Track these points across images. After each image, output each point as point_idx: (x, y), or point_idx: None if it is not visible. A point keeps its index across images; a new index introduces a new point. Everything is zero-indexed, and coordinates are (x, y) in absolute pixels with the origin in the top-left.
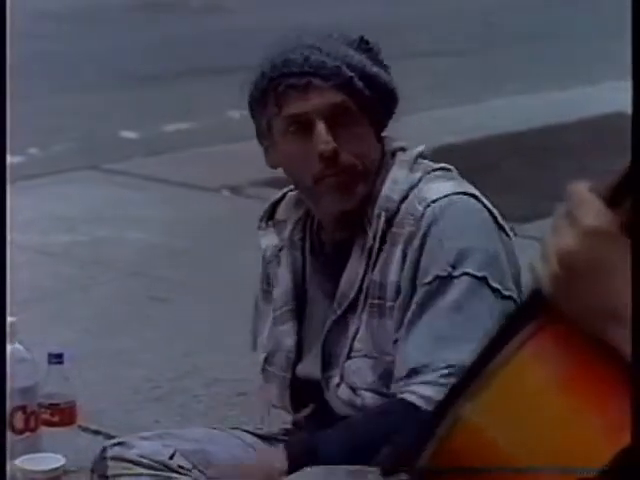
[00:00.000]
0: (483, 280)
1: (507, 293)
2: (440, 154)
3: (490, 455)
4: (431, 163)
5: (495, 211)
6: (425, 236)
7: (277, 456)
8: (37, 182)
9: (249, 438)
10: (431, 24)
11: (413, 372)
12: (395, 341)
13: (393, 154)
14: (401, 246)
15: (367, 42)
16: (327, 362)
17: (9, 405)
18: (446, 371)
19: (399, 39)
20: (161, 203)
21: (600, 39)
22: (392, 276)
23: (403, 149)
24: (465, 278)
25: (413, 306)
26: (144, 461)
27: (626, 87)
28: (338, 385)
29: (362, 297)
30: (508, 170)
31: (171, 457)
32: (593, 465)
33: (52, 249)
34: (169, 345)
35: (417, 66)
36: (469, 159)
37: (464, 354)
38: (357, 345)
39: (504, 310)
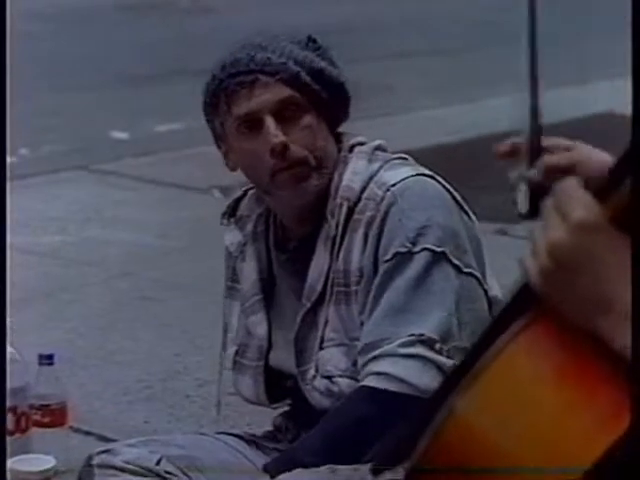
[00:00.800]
0: (442, 255)
1: (467, 270)
2: (434, 153)
3: (482, 449)
4: (389, 154)
5: (456, 194)
6: (385, 218)
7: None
8: (28, 182)
9: (235, 442)
10: (424, 24)
11: (372, 347)
12: (361, 324)
13: (351, 148)
14: (362, 230)
15: (315, 41)
16: (301, 356)
17: None
18: (406, 339)
19: (392, 39)
20: (151, 203)
21: (590, 39)
22: (355, 262)
23: (361, 143)
24: (425, 253)
25: (374, 286)
26: (130, 467)
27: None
28: (314, 377)
29: (329, 288)
30: (501, 170)
31: (158, 463)
32: (584, 458)
33: (42, 249)
34: (160, 345)
35: (411, 66)
36: (462, 159)
37: (424, 326)
38: (328, 335)
39: (463, 286)
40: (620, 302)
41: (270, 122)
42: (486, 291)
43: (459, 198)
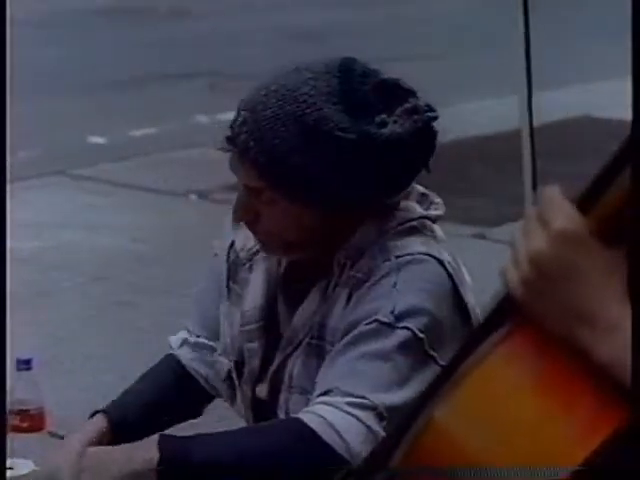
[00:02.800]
0: (420, 341)
1: (442, 363)
2: None
3: (461, 457)
4: (409, 213)
5: (457, 279)
6: (375, 284)
7: (150, 447)
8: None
9: None
10: (399, 28)
11: (322, 393)
12: None
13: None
14: (347, 289)
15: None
16: (272, 396)
17: None
18: (357, 400)
19: (368, 44)
20: (128, 208)
21: (566, 43)
22: (333, 320)
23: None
24: (405, 332)
25: (344, 340)
26: None
27: (591, 90)
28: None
29: (306, 337)
30: (476, 174)
31: None
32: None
33: (19, 254)
34: (137, 350)
35: (386, 71)
36: (437, 163)
37: (381, 398)
38: (295, 381)
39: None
40: (601, 315)
41: (239, 195)
42: None
43: (459, 283)
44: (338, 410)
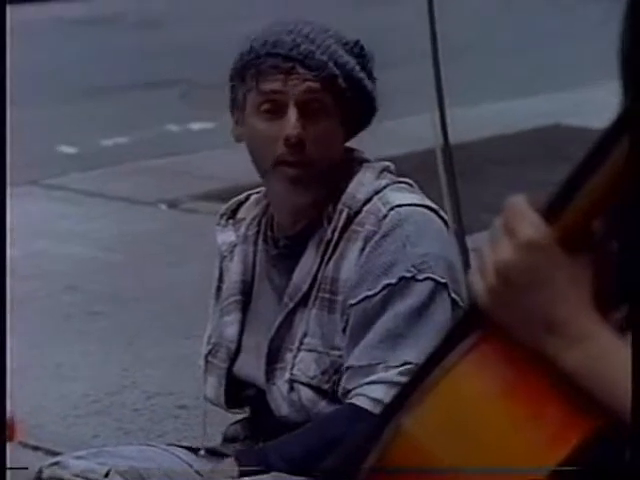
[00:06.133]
0: (444, 287)
1: (462, 304)
2: None
3: (430, 465)
4: (396, 177)
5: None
6: (386, 236)
7: (229, 468)
8: None
9: (184, 454)
10: (372, 36)
11: (366, 370)
12: (344, 332)
13: (360, 163)
14: (359, 244)
15: (361, 47)
16: (273, 356)
17: None
18: (403, 368)
19: None
20: (99, 217)
21: (538, 52)
22: (345, 272)
23: (368, 161)
24: (428, 282)
25: (372, 304)
26: None
27: (562, 99)
28: (281, 378)
29: (314, 291)
30: (446, 183)
31: (106, 475)
32: (532, 475)
33: None
34: (107, 359)
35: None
36: (410, 171)
37: (421, 355)
38: (305, 339)
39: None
40: (568, 324)
41: (293, 112)
42: None
43: (457, 233)
44: (387, 385)
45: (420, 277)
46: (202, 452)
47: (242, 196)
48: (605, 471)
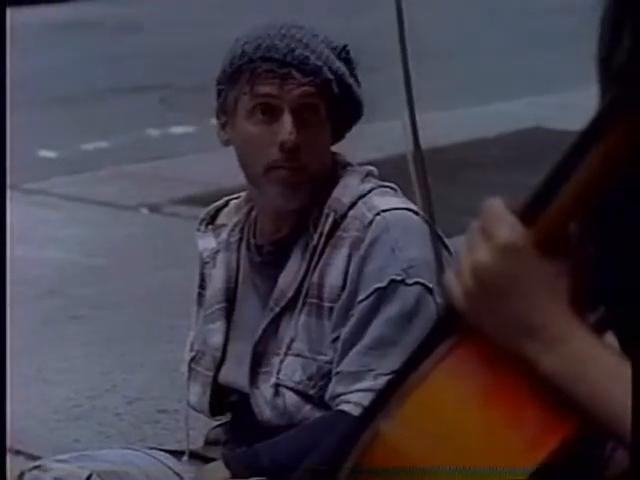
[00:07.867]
0: (431, 292)
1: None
2: None
3: (407, 470)
4: (379, 181)
5: (438, 231)
6: (375, 242)
7: (218, 471)
8: None
9: (165, 458)
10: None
11: (357, 375)
12: (334, 340)
13: (344, 167)
14: (345, 250)
15: (348, 52)
16: (257, 360)
17: None
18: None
19: None
20: (80, 222)
21: (519, 55)
22: (332, 278)
23: (352, 165)
24: (417, 287)
25: (362, 309)
26: None
27: (542, 102)
28: (265, 382)
29: (301, 297)
30: (423, 188)
31: (88, 478)
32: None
33: None
34: (88, 364)
35: None
36: (389, 175)
37: None
38: (294, 344)
39: None
40: (545, 327)
41: (288, 117)
42: None
43: (441, 235)
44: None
45: (409, 281)
46: (185, 456)
47: (221, 202)
48: (585, 471)
